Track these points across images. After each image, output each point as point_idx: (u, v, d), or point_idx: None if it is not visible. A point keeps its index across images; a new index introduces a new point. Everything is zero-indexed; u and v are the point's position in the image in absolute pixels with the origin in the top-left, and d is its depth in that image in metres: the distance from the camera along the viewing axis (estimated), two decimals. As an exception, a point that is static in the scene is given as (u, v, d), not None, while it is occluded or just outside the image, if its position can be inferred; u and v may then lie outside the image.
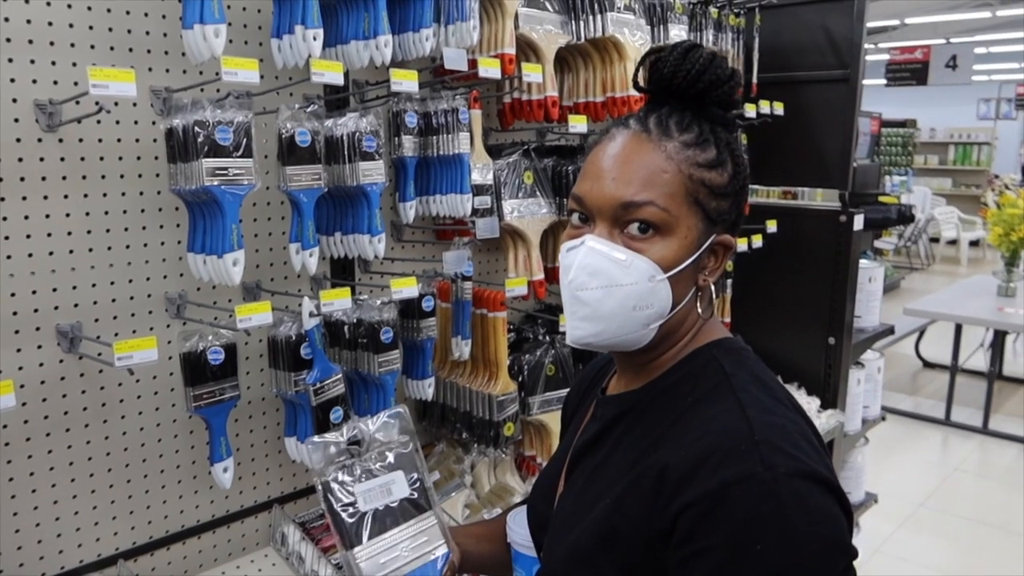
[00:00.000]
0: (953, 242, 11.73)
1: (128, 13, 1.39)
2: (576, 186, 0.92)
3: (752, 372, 0.91)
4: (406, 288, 1.54)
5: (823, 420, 2.68)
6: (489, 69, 1.64)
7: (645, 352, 0.94)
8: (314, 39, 1.37)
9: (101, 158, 1.39)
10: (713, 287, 0.96)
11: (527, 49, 1.87)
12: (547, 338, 2.00)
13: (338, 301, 1.44)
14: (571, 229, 0.93)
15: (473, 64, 1.64)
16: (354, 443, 0.89)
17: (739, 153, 0.93)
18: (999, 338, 5.19)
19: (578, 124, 1.89)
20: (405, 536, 0.86)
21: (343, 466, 0.86)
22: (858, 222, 2.64)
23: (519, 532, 1.11)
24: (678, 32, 2.19)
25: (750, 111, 2.45)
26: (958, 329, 5.08)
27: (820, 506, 0.78)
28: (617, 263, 0.87)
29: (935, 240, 11.56)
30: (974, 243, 11.74)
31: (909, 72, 9.49)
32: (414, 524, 0.86)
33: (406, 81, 1.48)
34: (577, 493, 0.97)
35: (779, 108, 2.59)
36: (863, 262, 2.85)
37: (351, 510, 0.85)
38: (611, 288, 0.87)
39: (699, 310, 0.94)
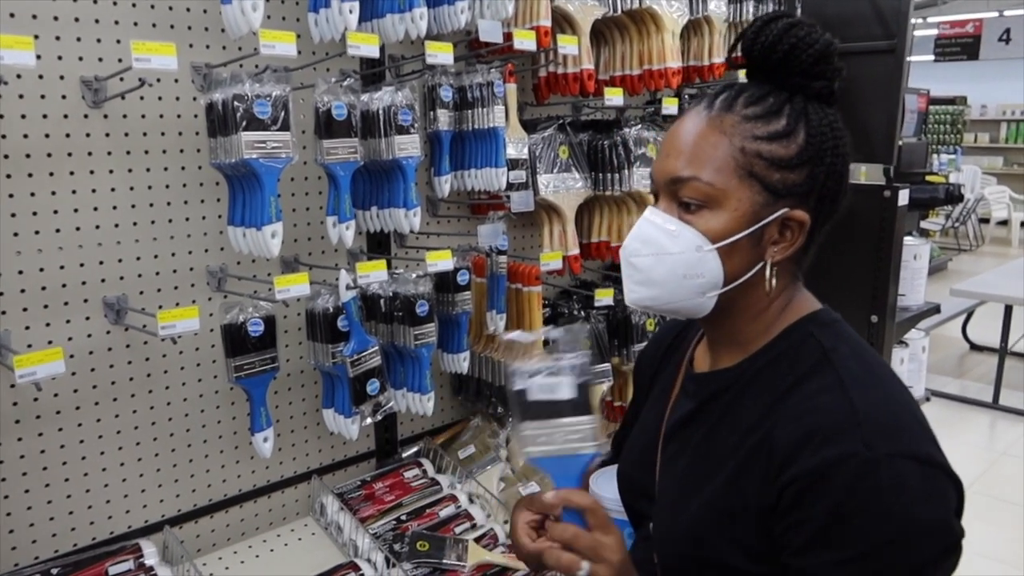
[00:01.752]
0: (1004, 223, 11.37)
1: (168, -10, 1.41)
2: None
3: (850, 346, 0.91)
4: (441, 261, 1.55)
5: (865, 400, 2.63)
6: (524, 41, 1.63)
7: (724, 322, 0.96)
8: (350, 12, 1.38)
9: (144, 133, 1.42)
10: (797, 264, 0.95)
11: (563, 21, 1.85)
12: (582, 313, 1.99)
13: (374, 273, 1.46)
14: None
15: (508, 37, 1.63)
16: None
17: (818, 123, 0.89)
18: (1051, 320, 5.03)
19: (614, 97, 1.88)
20: (564, 428, 0.97)
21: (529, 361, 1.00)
22: (903, 197, 2.57)
23: (606, 497, 1.14)
24: (717, 3, 2.15)
25: (791, 84, 2.40)
26: (1008, 311, 4.93)
27: (921, 487, 0.79)
28: (667, 233, 0.91)
29: (985, 221, 11.21)
30: (1026, 224, 11.36)
31: (959, 47, 9.19)
32: (574, 422, 0.97)
33: (441, 53, 1.48)
34: (682, 474, 0.99)
35: (821, 81, 2.53)
36: (908, 239, 2.79)
37: (526, 396, 0.97)
38: (661, 256, 0.92)
39: (770, 285, 0.92)
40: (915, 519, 0.78)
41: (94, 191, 1.37)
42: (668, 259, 0.91)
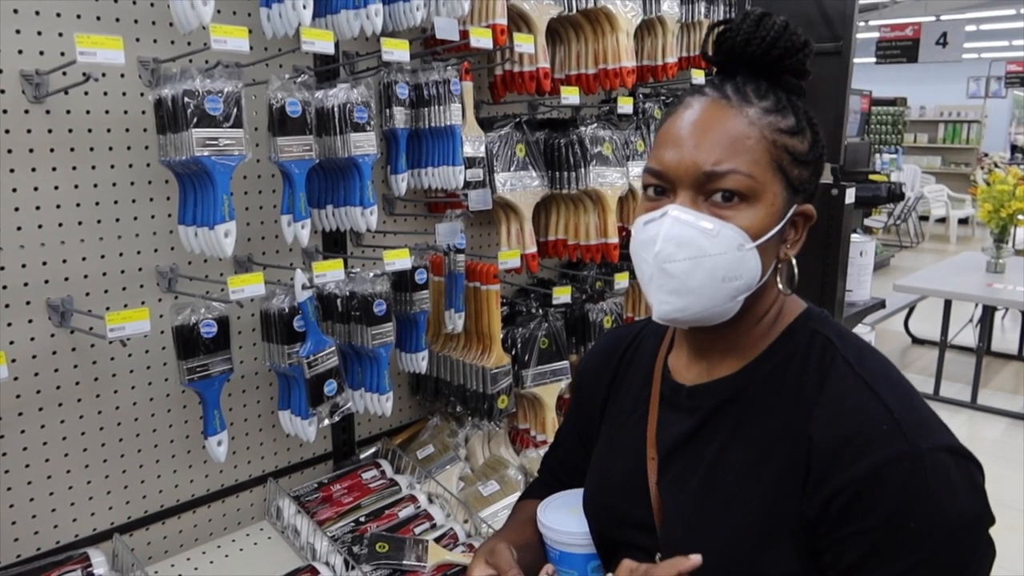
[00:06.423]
0: (942, 220, 11.77)
1: (114, -18, 1.37)
2: (652, 157, 0.89)
3: (855, 343, 0.90)
4: (399, 260, 1.54)
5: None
6: (480, 39, 1.63)
7: (727, 329, 0.91)
8: (304, 7, 1.36)
9: (89, 130, 1.37)
10: (794, 262, 0.92)
11: (518, 20, 1.85)
12: (540, 311, 2.00)
13: (331, 273, 1.44)
14: (647, 202, 0.89)
15: (464, 34, 1.63)
16: None
17: (815, 122, 0.91)
18: (988, 314, 5.22)
19: (570, 96, 1.88)
20: None
21: None
22: (850, 195, 2.65)
23: (565, 532, 1.02)
24: (670, 4, 2.18)
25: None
26: (947, 305, 5.10)
27: (962, 478, 0.79)
28: (704, 232, 0.83)
29: (924, 218, 11.60)
30: (963, 221, 11.79)
31: (899, 49, 9.46)
32: None
33: (397, 50, 1.47)
34: (695, 495, 0.91)
35: (771, 82, 2.58)
36: (854, 236, 2.87)
37: None
38: (699, 259, 0.84)
39: (779, 286, 0.91)
40: (964, 510, 0.77)
41: (36, 189, 1.32)
42: (707, 262, 0.83)
